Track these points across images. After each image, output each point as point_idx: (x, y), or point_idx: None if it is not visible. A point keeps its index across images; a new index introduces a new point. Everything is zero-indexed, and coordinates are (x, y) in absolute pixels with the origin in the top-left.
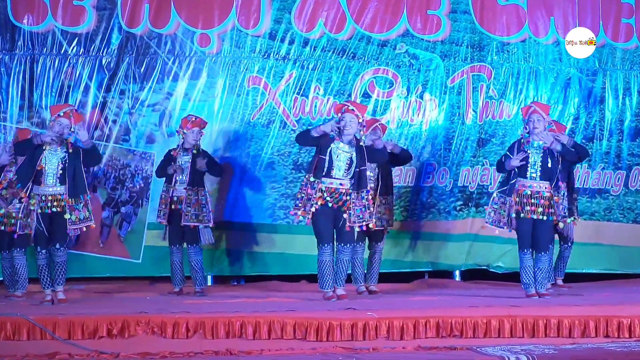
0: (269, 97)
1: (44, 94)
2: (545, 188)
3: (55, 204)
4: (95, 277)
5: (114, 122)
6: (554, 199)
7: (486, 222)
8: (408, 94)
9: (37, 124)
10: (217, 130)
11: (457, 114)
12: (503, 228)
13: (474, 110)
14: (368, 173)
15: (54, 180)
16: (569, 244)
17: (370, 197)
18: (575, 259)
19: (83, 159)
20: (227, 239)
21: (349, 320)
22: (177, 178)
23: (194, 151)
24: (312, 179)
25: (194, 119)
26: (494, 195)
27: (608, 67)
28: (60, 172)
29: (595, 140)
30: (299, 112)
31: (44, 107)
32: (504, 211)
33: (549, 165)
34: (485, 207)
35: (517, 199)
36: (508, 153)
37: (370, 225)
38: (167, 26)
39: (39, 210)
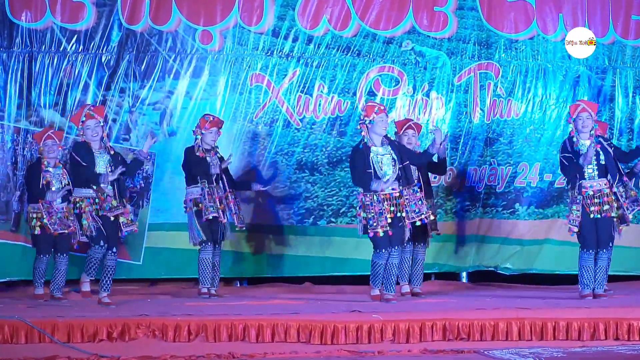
0: (272, 96)
1: (42, 93)
2: (605, 185)
3: (111, 204)
4: (95, 279)
5: (114, 121)
6: (621, 193)
7: (570, 224)
8: (414, 92)
9: (36, 123)
10: None
11: (464, 113)
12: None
13: (481, 109)
14: None
15: (106, 182)
16: None
17: (420, 191)
18: None
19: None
20: (230, 241)
21: (354, 323)
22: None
23: (218, 155)
24: (369, 194)
25: (211, 118)
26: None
27: (618, 64)
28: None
29: None
30: (303, 110)
31: (42, 105)
32: (578, 211)
33: (603, 161)
34: (493, 207)
35: (584, 201)
36: (566, 155)
37: (431, 217)
38: (168, 23)
39: (94, 212)
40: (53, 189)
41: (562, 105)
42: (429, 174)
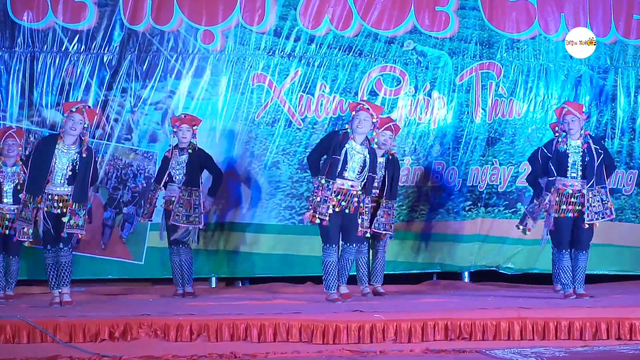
0: (273, 95)
1: (44, 93)
2: (584, 187)
3: (61, 204)
4: (96, 280)
5: (116, 120)
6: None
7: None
8: (416, 92)
9: (37, 123)
10: (220, 129)
11: (466, 113)
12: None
13: (483, 109)
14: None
15: (63, 180)
16: None
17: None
18: None
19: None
20: (232, 240)
21: (355, 323)
22: (177, 178)
23: (190, 151)
24: (324, 181)
25: (183, 116)
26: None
27: (620, 64)
28: (70, 173)
29: (606, 139)
30: (305, 110)
31: (44, 105)
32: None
33: (587, 163)
34: (495, 207)
35: (557, 199)
36: (545, 153)
37: (367, 234)
38: (169, 23)
39: (46, 209)
40: (5, 188)
41: None
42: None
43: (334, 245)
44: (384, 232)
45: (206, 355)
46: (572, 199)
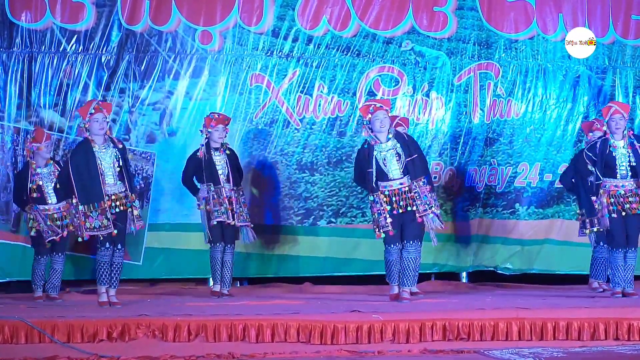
0: (272, 96)
1: (42, 93)
2: (634, 185)
3: (117, 203)
4: (93, 280)
5: (114, 121)
6: None
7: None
8: (414, 92)
9: (35, 124)
10: None
11: (464, 113)
12: (594, 229)
13: (481, 109)
14: None
15: (114, 179)
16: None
17: (430, 184)
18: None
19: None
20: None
21: (353, 323)
22: (221, 178)
23: (227, 151)
24: (371, 197)
25: (217, 116)
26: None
27: (618, 64)
28: (118, 169)
29: None
30: (303, 110)
31: (42, 106)
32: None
33: (634, 162)
34: (493, 207)
35: (611, 200)
36: (587, 157)
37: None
38: (167, 23)
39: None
40: (45, 190)
41: (563, 105)
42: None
43: (392, 246)
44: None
45: (204, 356)
46: (630, 199)
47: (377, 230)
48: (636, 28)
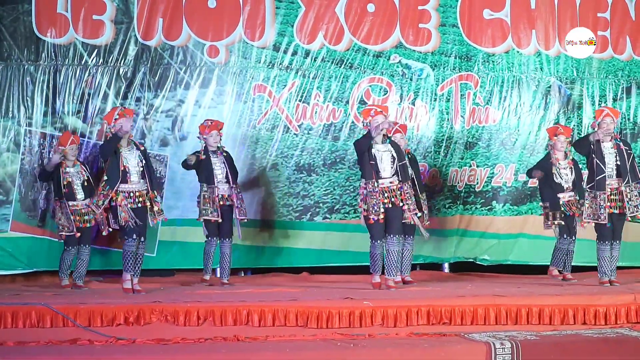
0: (273, 104)
1: (66, 101)
2: (620, 183)
3: (141, 199)
4: (113, 270)
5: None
6: (629, 193)
7: (584, 219)
8: (401, 101)
9: (60, 129)
10: (225, 134)
11: (446, 119)
12: (599, 221)
13: (461, 116)
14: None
15: (138, 178)
16: (574, 239)
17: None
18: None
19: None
20: (235, 235)
21: (347, 309)
22: (219, 178)
23: (224, 153)
24: (370, 186)
25: (209, 123)
26: (587, 191)
27: (585, 75)
28: (141, 169)
29: None
30: (301, 117)
31: (66, 113)
32: (596, 205)
33: (619, 162)
34: (472, 205)
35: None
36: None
37: (419, 214)
38: (179, 39)
39: (129, 205)
40: (75, 187)
41: (535, 112)
42: (419, 172)
43: (380, 240)
44: (426, 222)
45: (212, 339)
46: (612, 197)
47: (371, 215)
48: (602, 43)
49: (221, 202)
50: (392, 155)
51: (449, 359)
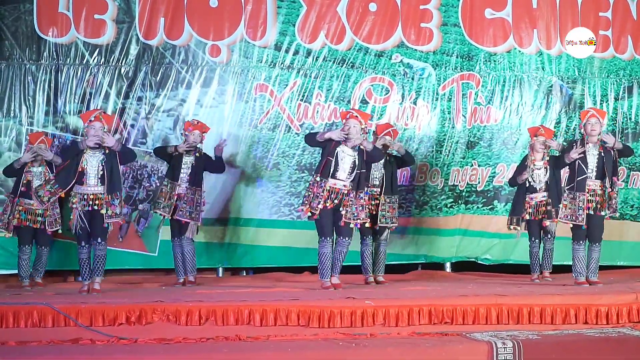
0: (274, 104)
1: (67, 101)
2: (599, 185)
3: (96, 202)
4: (114, 269)
5: (132, 126)
6: (609, 194)
7: (560, 219)
8: (402, 100)
9: (61, 128)
10: (227, 134)
11: (448, 119)
12: (577, 222)
13: (463, 115)
14: (373, 172)
15: (96, 181)
16: (551, 238)
17: (367, 198)
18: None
19: (120, 159)
20: (238, 234)
21: (348, 309)
22: (182, 177)
23: (197, 154)
24: (318, 178)
25: (196, 122)
26: (565, 191)
27: (587, 75)
28: (101, 172)
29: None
30: (302, 117)
31: (67, 112)
32: (575, 206)
33: (604, 164)
34: (474, 204)
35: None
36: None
37: (367, 225)
38: (180, 38)
39: (80, 209)
40: (34, 186)
41: (537, 112)
42: (394, 175)
43: (327, 238)
44: (391, 225)
45: (213, 338)
46: (589, 197)
47: (306, 206)
48: (603, 42)
49: (177, 201)
50: (355, 161)
51: (451, 358)
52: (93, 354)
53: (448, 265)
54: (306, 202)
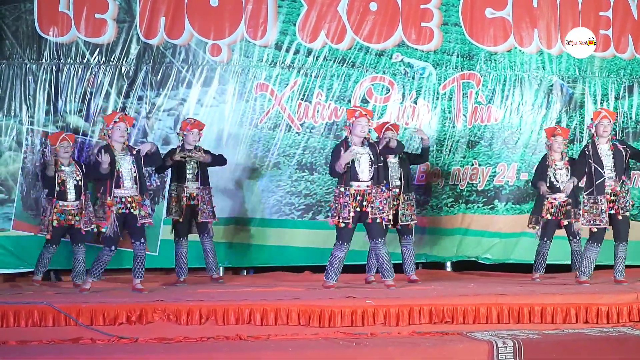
0: (275, 103)
1: (68, 100)
2: (618, 184)
3: (134, 205)
4: (115, 269)
5: (133, 125)
6: (621, 193)
7: (582, 224)
8: (403, 100)
9: (62, 128)
10: (227, 133)
11: (448, 118)
12: (601, 225)
13: (463, 115)
14: (392, 173)
15: (131, 183)
16: (578, 240)
17: (387, 190)
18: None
19: (144, 160)
20: (239, 233)
21: (349, 308)
22: (188, 177)
23: (199, 154)
24: (342, 189)
25: (192, 121)
26: (584, 197)
27: (587, 74)
28: (134, 174)
29: (575, 142)
30: (303, 116)
31: (68, 112)
32: (597, 210)
33: (617, 164)
34: (474, 204)
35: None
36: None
37: (389, 216)
38: (181, 37)
39: (116, 211)
40: (67, 186)
41: (537, 111)
42: (409, 172)
43: (345, 244)
44: (411, 222)
45: (214, 337)
46: (612, 197)
47: (336, 218)
48: (604, 41)
49: (187, 202)
50: (370, 158)
51: (452, 358)
52: (94, 354)
53: (448, 264)
54: (334, 214)
